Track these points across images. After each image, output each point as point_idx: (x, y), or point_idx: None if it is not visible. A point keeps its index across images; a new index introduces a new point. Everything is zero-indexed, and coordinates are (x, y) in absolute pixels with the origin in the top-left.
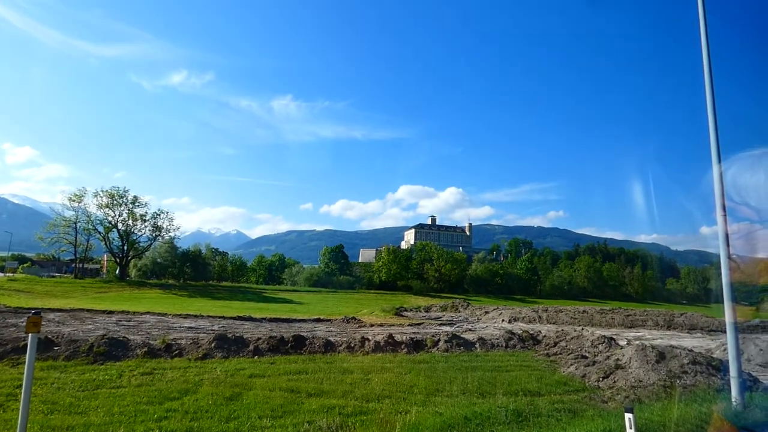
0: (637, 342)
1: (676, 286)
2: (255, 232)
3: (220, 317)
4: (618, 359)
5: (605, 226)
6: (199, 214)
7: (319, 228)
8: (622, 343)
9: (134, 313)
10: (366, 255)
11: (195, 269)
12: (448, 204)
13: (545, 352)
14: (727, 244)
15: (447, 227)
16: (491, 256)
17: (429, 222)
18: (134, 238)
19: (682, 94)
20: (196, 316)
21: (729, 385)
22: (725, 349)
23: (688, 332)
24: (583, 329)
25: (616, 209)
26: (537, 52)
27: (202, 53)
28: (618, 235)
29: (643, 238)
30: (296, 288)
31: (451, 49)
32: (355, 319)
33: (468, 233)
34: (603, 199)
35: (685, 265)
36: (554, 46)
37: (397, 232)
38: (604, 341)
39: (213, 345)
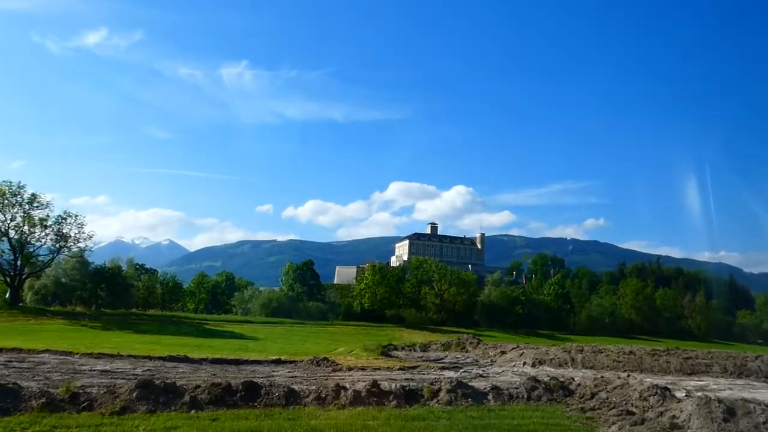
0: (700, 394)
1: (750, 320)
2: (195, 243)
3: (145, 357)
4: (674, 416)
5: (658, 239)
6: (121, 219)
7: (282, 238)
8: (680, 395)
9: (29, 351)
10: (344, 274)
11: (113, 292)
12: (454, 207)
13: (580, 406)
14: None
15: (452, 238)
16: (510, 278)
17: (428, 231)
18: (31, 249)
19: (759, 73)
20: (112, 356)
21: None
22: None
23: (765, 381)
24: (629, 376)
25: (672, 218)
26: (573, 14)
27: (127, 5)
28: (675, 252)
29: (707, 256)
30: (249, 318)
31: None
32: (328, 360)
33: (480, 246)
34: (655, 205)
35: (760, 293)
36: (594, 8)
37: (386, 244)
38: (656, 392)
39: (135, 395)
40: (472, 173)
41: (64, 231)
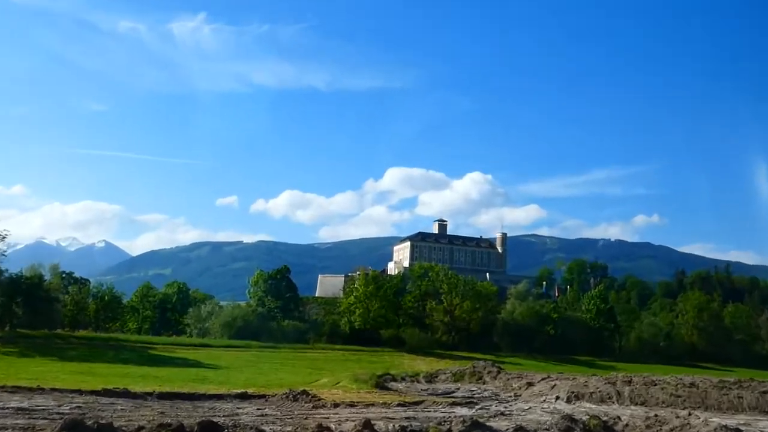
0: None
1: None
2: (138, 245)
3: (73, 391)
4: None
5: (727, 241)
6: (42, 214)
7: (249, 239)
8: None
9: None
10: (329, 285)
11: (32, 308)
12: (468, 200)
13: None
14: None
15: (466, 239)
16: (539, 289)
17: (435, 230)
18: None
19: None
20: (31, 390)
21: None
22: None
23: None
24: (690, 415)
25: (744, 216)
26: None
27: None
28: (748, 258)
29: None
30: (208, 341)
31: None
32: (308, 394)
33: (500, 250)
34: (723, 199)
35: None
36: None
37: (382, 247)
38: None
39: None
40: (491, 157)
41: None
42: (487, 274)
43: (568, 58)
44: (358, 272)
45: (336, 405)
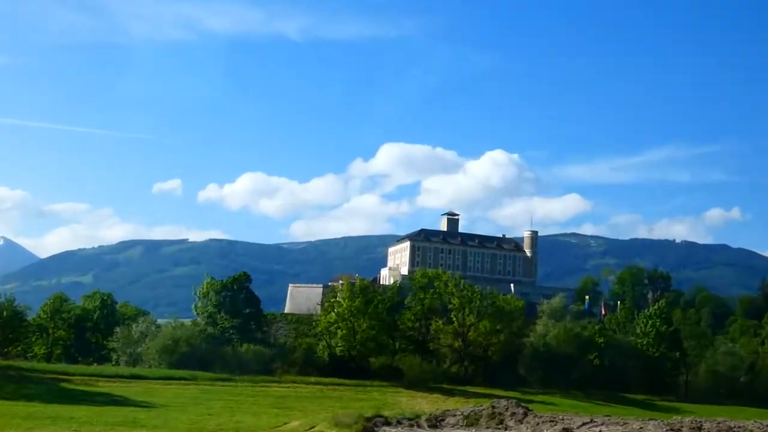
0: None
1: None
2: (48, 244)
3: None
4: None
5: None
6: None
7: (197, 236)
8: None
9: None
10: (302, 298)
11: None
12: (488, 188)
13: None
14: None
15: (484, 239)
16: (579, 306)
17: (443, 226)
18: None
19: None
20: None
21: None
22: None
23: None
24: None
25: None
26: None
27: None
28: None
29: None
30: (140, 371)
31: None
32: None
33: (529, 253)
34: None
35: None
36: None
37: (372, 248)
38: None
39: None
40: (517, 131)
41: None
42: (512, 285)
43: (620, 3)
44: (341, 281)
45: None
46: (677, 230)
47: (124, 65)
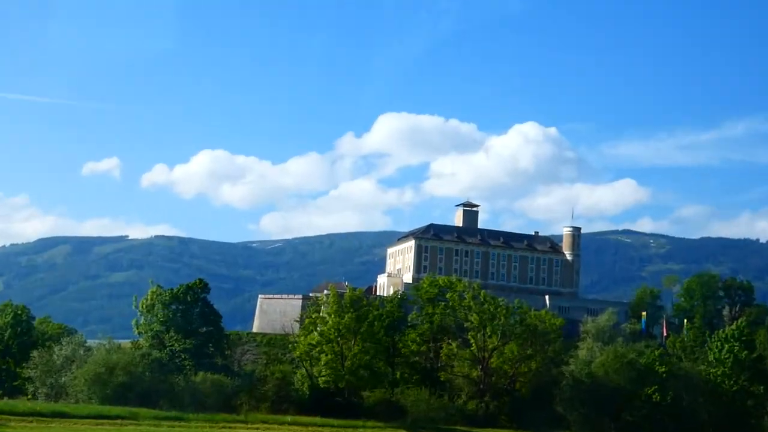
0: None
1: None
2: None
3: None
4: None
5: None
6: None
7: (140, 232)
8: None
9: None
10: (275, 313)
11: None
12: (517, 171)
13: None
14: None
15: (511, 238)
16: (634, 324)
17: (458, 220)
18: None
19: None
20: None
21: None
22: None
23: None
24: None
25: None
26: None
27: None
28: None
29: None
30: (63, 408)
31: None
32: None
33: (569, 255)
34: None
35: None
36: None
37: (367, 248)
38: None
39: None
40: (555, 99)
41: None
42: (547, 297)
43: None
44: (326, 291)
45: None
46: (762, 227)
47: (43, 13)
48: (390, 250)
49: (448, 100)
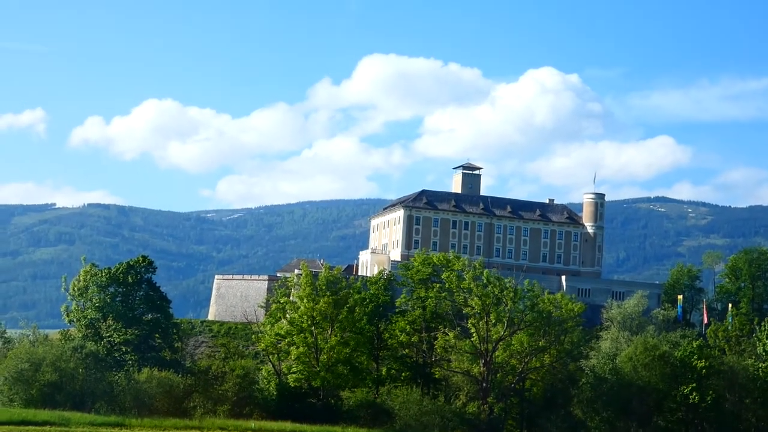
0: None
1: None
2: None
3: None
4: None
5: None
6: None
7: (71, 199)
8: None
9: None
10: (235, 297)
11: None
12: (528, 126)
13: None
14: None
15: (520, 206)
16: (669, 310)
17: (456, 186)
18: None
19: None
20: None
21: None
22: None
23: None
24: None
25: None
26: None
27: None
28: None
29: None
30: None
31: None
32: None
33: (590, 227)
34: None
35: None
36: None
37: (347, 219)
38: None
39: None
40: (576, 39)
41: None
42: (563, 277)
43: None
44: (297, 271)
45: None
46: None
47: None
48: (374, 222)
49: (446, 39)
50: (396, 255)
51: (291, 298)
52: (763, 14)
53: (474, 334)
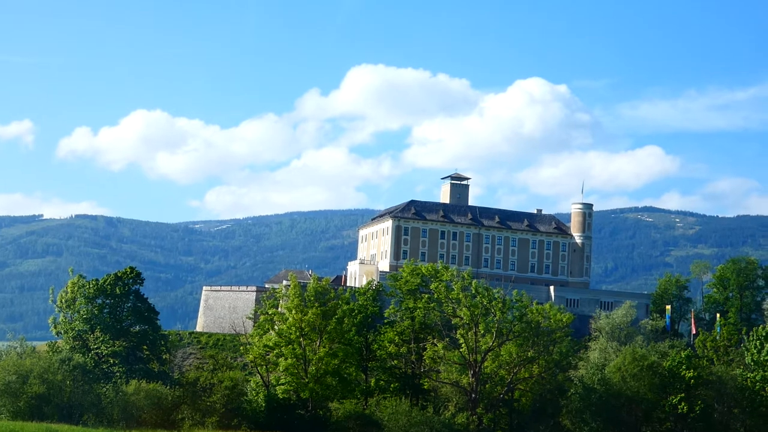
0: None
1: None
2: None
3: None
4: None
5: None
6: None
7: (57, 211)
8: None
9: None
10: (224, 308)
11: None
12: (517, 136)
13: None
14: None
15: (508, 216)
16: (657, 320)
17: (445, 197)
18: None
19: None
20: None
21: None
22: None
23: None
24: None
25: None
26: None
27: None
28: None
29: None
30: None
31: None
32: None
33: (579, 238)
34: None
35: None
36: None
37: (335, 230)
38: None
39: None
40: (565, 50)
41: None
42: (551, 288)
43: None
44: (285, 282)
45: None
46: None
47: None
48: (363, 233)
49: (435, 50)
50: (384, 265)
51: (279, 309)
52: (750, 25)
53: (463, 345)
